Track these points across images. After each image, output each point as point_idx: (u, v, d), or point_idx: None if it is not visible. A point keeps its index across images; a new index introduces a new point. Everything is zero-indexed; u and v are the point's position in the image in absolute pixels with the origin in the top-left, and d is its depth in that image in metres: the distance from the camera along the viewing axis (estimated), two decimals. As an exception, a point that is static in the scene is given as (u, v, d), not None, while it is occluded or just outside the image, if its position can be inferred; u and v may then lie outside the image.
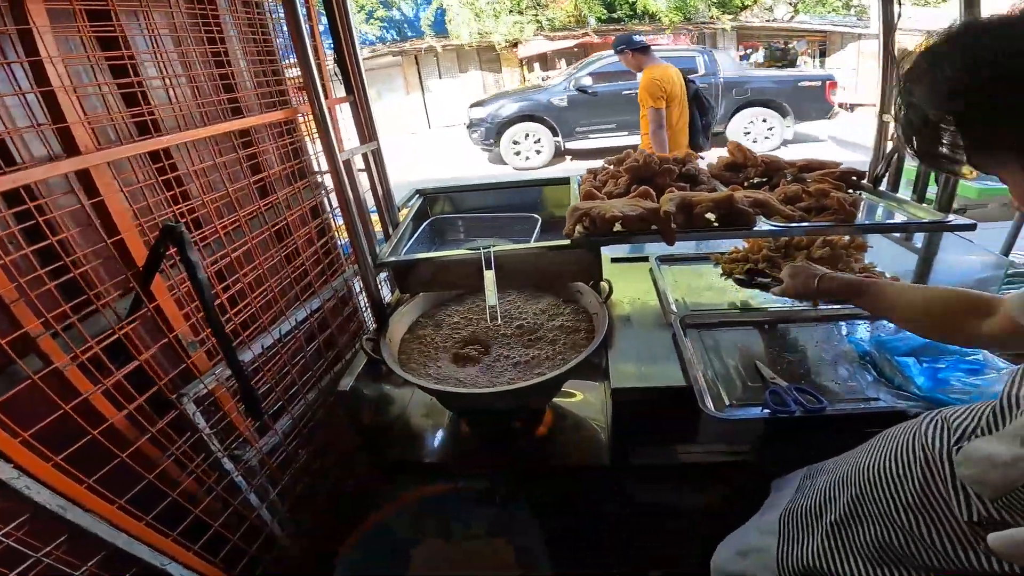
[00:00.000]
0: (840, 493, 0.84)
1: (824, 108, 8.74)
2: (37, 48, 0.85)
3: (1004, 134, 0.59)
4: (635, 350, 1.44)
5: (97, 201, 0.89)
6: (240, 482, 1.22)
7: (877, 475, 0.78)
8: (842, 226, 1.23)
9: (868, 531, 0.77)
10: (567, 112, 8.58)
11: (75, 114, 0.86)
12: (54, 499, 0.78)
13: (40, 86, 0.85)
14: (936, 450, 0.71)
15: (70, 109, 0.86)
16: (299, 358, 1.38)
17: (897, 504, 0.74)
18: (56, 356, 0.84)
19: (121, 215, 0.91)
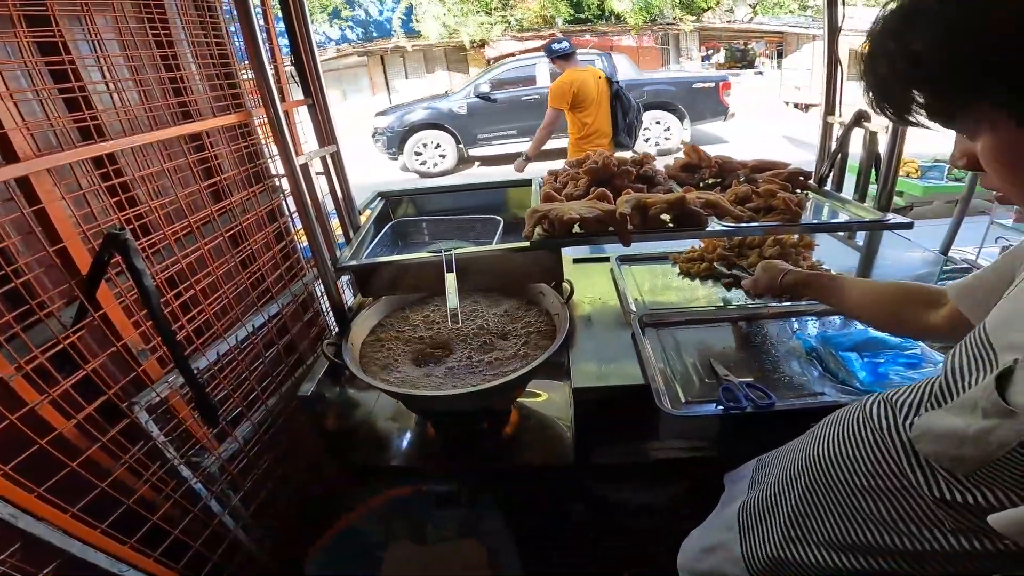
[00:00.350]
0: (793, 483, 0.84)
1: (719, 109, 9.04)
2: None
3: (986, 84, 0.53)
4: (596, 350, 1.47)
5: (38, 208, 0.86)
6: (200, 489, 1.20)
7: (828, 461, 0.78)
8: (787, 226, 1.29)
9: (827, 520, 0.76)
10: (468, 119, 8.76)
11: (12, 120, 0.83)
12: (5, 508, 0.77)
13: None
14: (884, 428, 0.71)
15: (6, 115, 0.83)
16: (258, 364, 1.37)
17: (852, 488, 0.73)
18: (1, 367, 0.82)
19: (63, 222, 0.89)
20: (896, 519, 0.68)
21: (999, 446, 0.56)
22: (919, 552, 0.66)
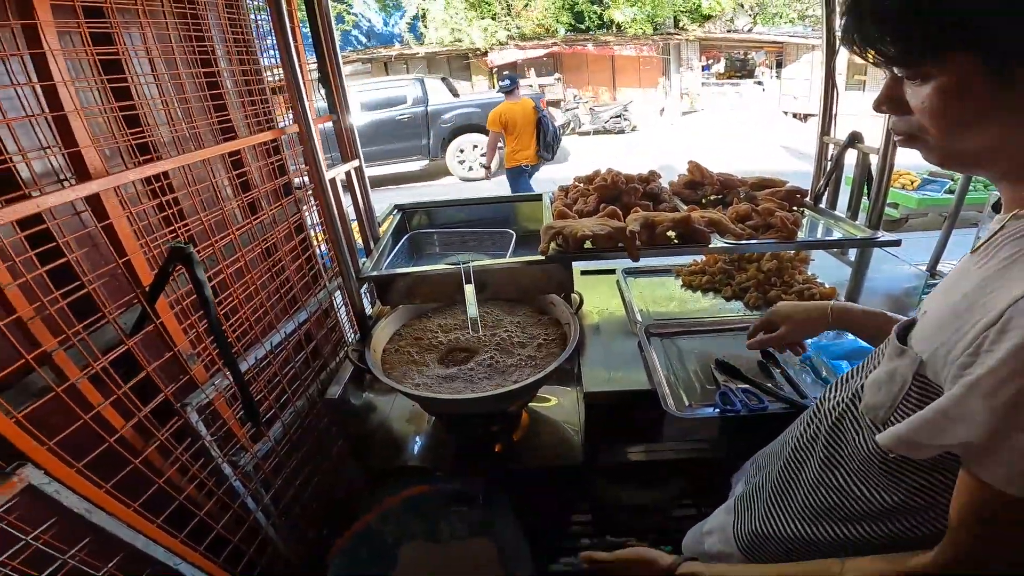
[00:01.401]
0: (772, 468, 0.91)
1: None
2: (50, 72, 0.91)
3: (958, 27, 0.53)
4: (604, 357, 1.56)
5: (106, 224, 0.95)
6: (238, 486, 1.28)
7: (795, 441, 0.85)
8: (783, 243, 1.38)
9: (798, 495, 0.82)
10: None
11: (86, 138, 0.92)
12: (81, 503, 0.85)
13: (52, 110, 0.92)
14: (835, 401, 0.79)
15: (81, 132, 0.92)
16: (289, 368, 1.45)
17: (813, 463, 0.79)
18: (69, 370, 0.91)
19: (127, 237, 0.98)
20: (851, 486, 0.73)
21: (901, 382, 0.64)
22: (873, 512, 0.70)
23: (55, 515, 0.84)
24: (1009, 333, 0.50)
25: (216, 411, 1.21)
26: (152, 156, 1.09)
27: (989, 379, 0.51)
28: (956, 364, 0.56)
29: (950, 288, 0.66)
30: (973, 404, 0.52)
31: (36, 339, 0.84)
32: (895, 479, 0.67)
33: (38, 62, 0.88)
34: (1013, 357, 0.49)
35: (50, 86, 0.87)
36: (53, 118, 0.92)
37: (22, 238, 0.84)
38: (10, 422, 0.77)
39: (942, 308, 0.63)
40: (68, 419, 0.91)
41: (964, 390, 0.53)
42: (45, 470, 0.81)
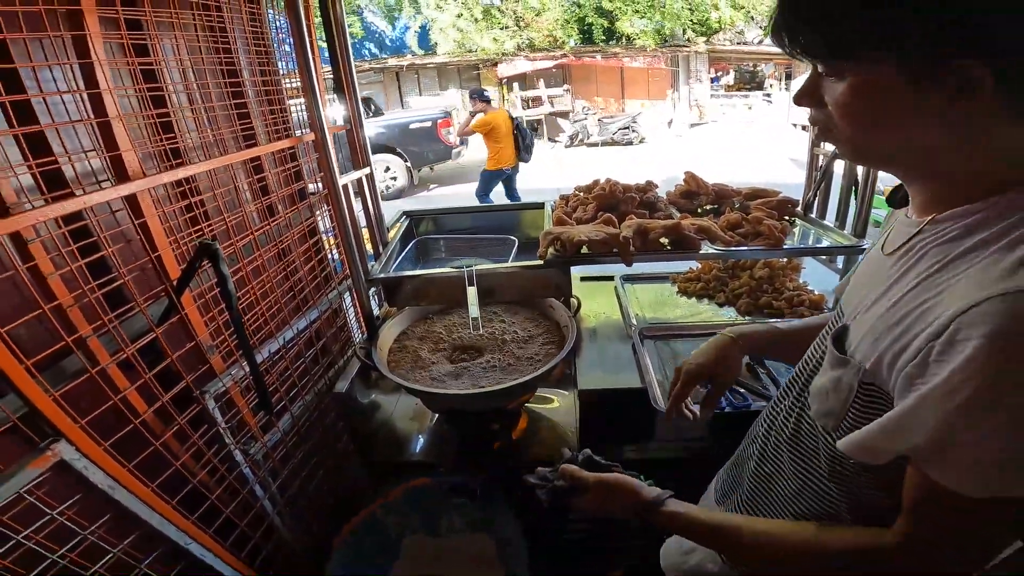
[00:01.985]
0: (740, 484, 0.93)
1: (442, 150, 8.67)
2: (96, 79, 1.00)
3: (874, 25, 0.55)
4: (599, 358, 1.63)
5: (141, 222, 1.04)
6: (248, 473, 1.36)
7: (759, 455, 0.88)
8: (771, 251, 1.45)
9: (779, 508, 0.82)
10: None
11: (127, 142, 1.01)
12: (106, 480, 0.92)
13: (97, 116, 1.01)
14: (786, 411, 0.81)
15: (123, 137, 1.01)
16: (299, 363, 1.53)
17: (784, 475, 0.81)
18: (101, 355, 0.99)
19: (159, 234, 1.07)
20: (828, 490, 0.73)
21: (848, 390, 0.66)
22: (858, 515, 0.71)
23: (76, 493, 0.91)
24: (957, 345, 0.52)
25: (230, 401, 1.29)
26: (182, 160, 1.17)
27: (941, 388, 0.53)
28: (903, 374, 0.57)
29: (872, 292, 0.68)
30: (924, 413, 0.54)
31: (73, 325, 0.92)
32: (866, 479, 0.69)
33: (86, 71, 0.97)
34: (963, 368, 0.51)
35: (95, 93, 0.96)
36: (97, 123, 1.02)
37: (65, 232, 0.92)
38: (48, 399, 0.85)
39: (873, 317, 0.65)
40: (96, 401, 0.99)
41: (917, 400, 0.55)
42: (76, 446, 0.89)
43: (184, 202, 1.15)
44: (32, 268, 0.87)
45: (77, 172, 0.98)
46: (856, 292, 0.74)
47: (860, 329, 0.67)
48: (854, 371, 0.65)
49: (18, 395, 0.82)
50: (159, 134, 1.17)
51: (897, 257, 0.66)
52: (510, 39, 13.88)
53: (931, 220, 0.62)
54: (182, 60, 1.25)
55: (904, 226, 0.67)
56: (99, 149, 0.97)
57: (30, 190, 0.93)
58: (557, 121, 14.54)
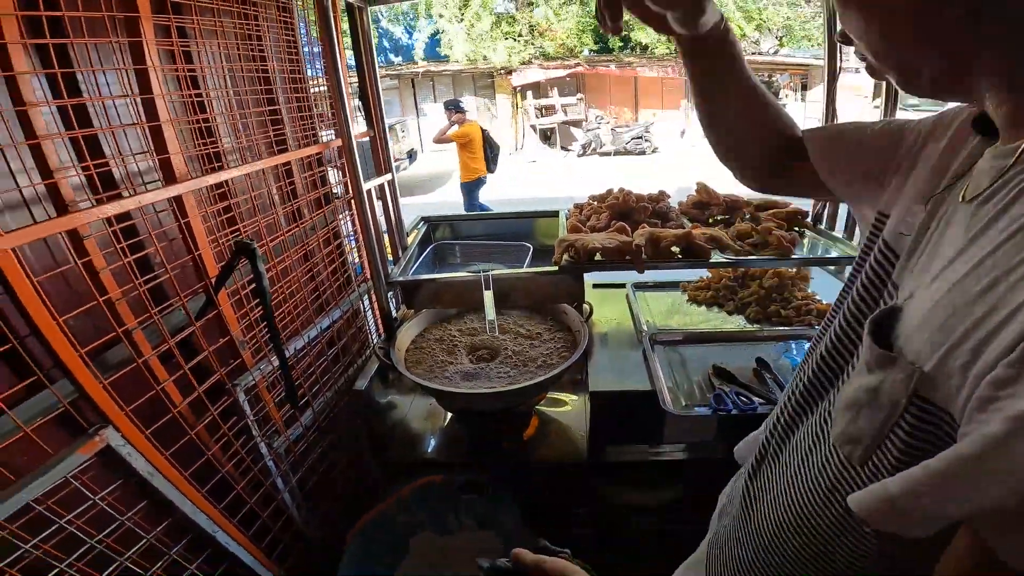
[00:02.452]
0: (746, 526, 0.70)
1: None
2: (149, 84, 1.07)
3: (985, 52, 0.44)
4: (610, 363, 1.67)
5: (185, 221, 1.11)
6: (271, 466, 1.42)
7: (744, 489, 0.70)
8: (778, 260, 1.50)
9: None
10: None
11: (176, 145, 1.08)
12: (146, 466, 0.99)
13: (148, 120, 1.08)
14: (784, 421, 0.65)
15: (172, 140, 1.08)
16: (321, 360, 1.60)
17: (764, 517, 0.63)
18: (144, 347, 1.06)
19: (200, 233, 1.14)
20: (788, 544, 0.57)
21: (891, 406, 0.45)
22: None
23: (110, 481, 0.97)
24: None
25: (257, 395, 1.35)
26: (221, 164, 1.25)
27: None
28: (985, 383, 0.36)
29: (938, 257, 0.48)
30: (1021, 450, 0.33)
31: (121, 318, 0.99)
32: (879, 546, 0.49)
33: (140, 76, 1.05)
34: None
35: (148, 98, 1.03)
36: (148, 127, 1.09)
37: (117, 230, 0.99)
38: (98, 386, 0.92)
39: (939, 293, 0.44)
40: (136, 391, 1.05)
41: (1012, 424, 0.33)
42: (122, 433, 0.95)
43: (223, 203, 1.22)
44: (86, 263, 0.93)
45: (127, 173, 1.05)
46: (918, 260, 0.51)
47: (917, 312, 0.46)
48: (904, 376, 0.44)
49: (71, 381, 0.88)
50: (199, 138, 1.24)
51: (979, 203, 0.46)
52: (523, 49, 14.00)
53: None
54: (223, 67, 1.32)
55: (992, 161, 0.47)
56: (150, 151, 1.05)
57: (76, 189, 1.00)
58: (570, 130, 14.63)
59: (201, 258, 1.13)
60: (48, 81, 0.92)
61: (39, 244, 0.93)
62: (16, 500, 0.83)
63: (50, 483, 0.87)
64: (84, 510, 0.95)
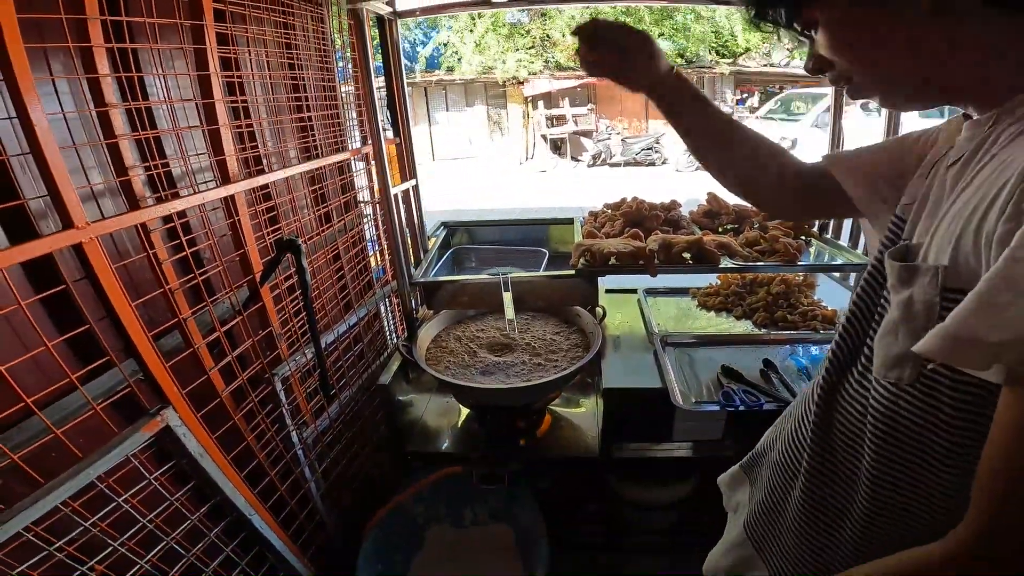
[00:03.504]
0: (792, 476, 0.76)
1: None
2: (212, 90, 1.16)
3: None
4: (623, 362, 1.74)
5: (234, 220, 1.21)
6: (300, 455, 1.50)
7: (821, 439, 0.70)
8: (785, 266, 1.57)
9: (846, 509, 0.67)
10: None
11: (232, 147, 1.18)
12: (198, 447, 1.06)
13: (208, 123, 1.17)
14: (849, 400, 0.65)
15: (228, 143, 1.18)
16: (349, 355, 1.68)
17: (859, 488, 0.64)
18: (195, 336, 1.14)
19: (248, 230, 1.23)
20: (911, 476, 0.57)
21: (926, 310, 0.51)
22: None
23: (162, 463, 1.04)
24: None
25: (291, 386, 1.44)
26: (262, 167, 1.34)
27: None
28: (995, 239, 0.44)
29: (942, 208, 0.55)
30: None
31: (178, 307, 1.08)
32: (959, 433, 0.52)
33: (201, 82, 1.14)
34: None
35: (210, 103, 1.13)
36: (208, 130, 1.18)
37: (177, 225, 1.08)
38: (162, 368, 1.00)
39: (946, 224, 0.52)
40: (187, 377, 1.14)
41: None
42: (180, 415, 1.04)
43: (267, 204, 1.32)
44: (152, 255, 1.03)
45: (185, 172, 1.14)
46: (921, 215, 0.59)
47: (927, 241, 0.54)
48: (930, 276, 0.50)
49: (139, 363, 0.97)
50: (244, 142, 1.34)
51: (963, 163, 0.55)
52: (532, 61, 14.13)
53: (1002, 110, 0.53)
54: (266, 75, 1.42)
55: (968, 132, 0.58)
56: (209, 152, 1.14)
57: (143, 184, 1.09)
58: (580, 140, 14.73)
59: (248, 253, 1.22)
60: (118, 84, 1.01)
61: (108, 235, 1.02)
62: (84, 476, 0.89)
63: (113, 461, 0.94)
64: (139, 490, 1.02)
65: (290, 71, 1.53)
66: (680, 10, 13.85)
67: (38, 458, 0.85)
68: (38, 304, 0.91)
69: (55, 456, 0.90)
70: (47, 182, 0.75)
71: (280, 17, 1.40)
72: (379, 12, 1.67)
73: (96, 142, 0.93)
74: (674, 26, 13.96)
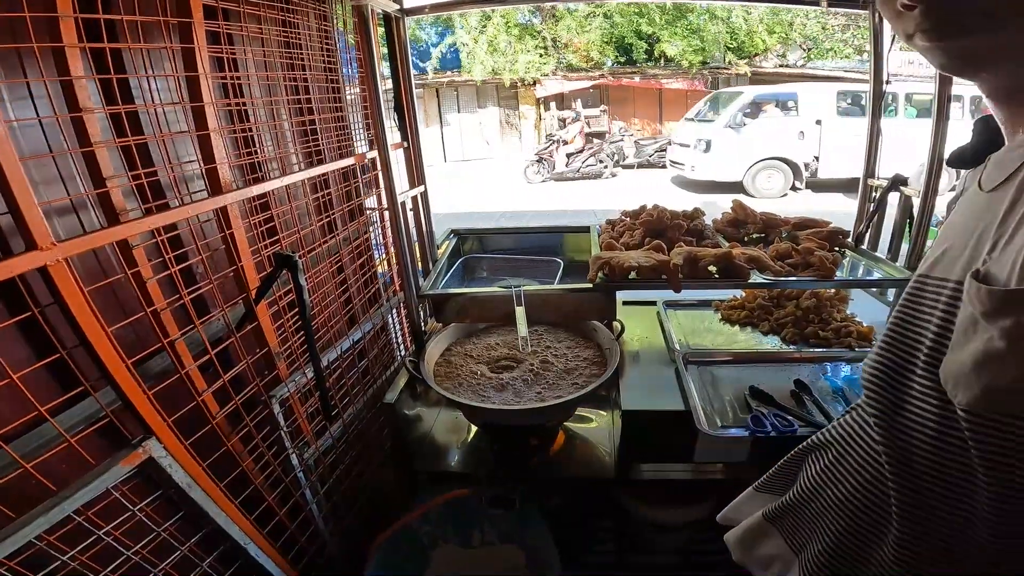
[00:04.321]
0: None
1: None
2: (200, 92, 1.08)
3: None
4: (642, 380, 1.64)
5: (229, 232, 1.12)
6: (301, 478, 1.41)
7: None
8: (821, 281, 1.46)
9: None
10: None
11: (223, 154, 1.09)
12: (185, 478, 0.99)
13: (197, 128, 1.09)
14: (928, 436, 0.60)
15: (220, 149, 1.09)
16: (352, 373, 1.60)
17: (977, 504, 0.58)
18: (186, 358, 1.06)
19: (243, 244, 1.14)
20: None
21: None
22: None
23: (151, 491, 0.97)
24: None
25: (291, 407, 1.36)
26: (261, 175, 1.26)
27: None
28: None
29: (1001, 228, 0.53)
30: None
31: (165, 328, 1.00)
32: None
33: (190, 84, 1.06)
34: None
35: (199, 106, 1.04)
36: (198, 135, 1.09)
37: (164, 240, 1.00)
38: (143, 397, 0.92)
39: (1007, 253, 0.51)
40: (176, 401, 1.06)
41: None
42: (164, 445, 0.95)
43: (264, 215, 1.23)
44: (134, 273, 0.94)
45: (174, 181, 1.06)
46: (959, 241, 0.58)
47: (1007, 259, 0.50)
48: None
49: (117, 392, 0.89)
50: (241, 148, 1.25)
51: (1015, 185, 0.53)
52: (544, 63, 14.04)
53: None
54: (265, 75, 1.34)
55: (1008, 153, 0.58)
56: (198, 160, 1.05)
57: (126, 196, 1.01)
58: (593, 142, 14.62)
59: (243, 269, 1.14)
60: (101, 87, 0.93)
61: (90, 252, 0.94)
62: (58, 511, 0.83)
63: (91, 494, 0.87)
64: (121, 521, 0.95)
65: (291, 72, 1.45)
66: (694, 11, 13.69)
67: (16, 487, 0.79)
68: (14, 326, 0.84)
69: (35, 484, 0.83)
70: (6, 197, 0.66)
71: (280, 15, 1.32)
72: (385, 9, 1.58)
73: (67, 151, 0.84)
74: (688, 27, 13.80)
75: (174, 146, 1.10)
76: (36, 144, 0.90)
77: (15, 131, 0.85)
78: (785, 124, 9.32)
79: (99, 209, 0.93)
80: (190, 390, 1.04)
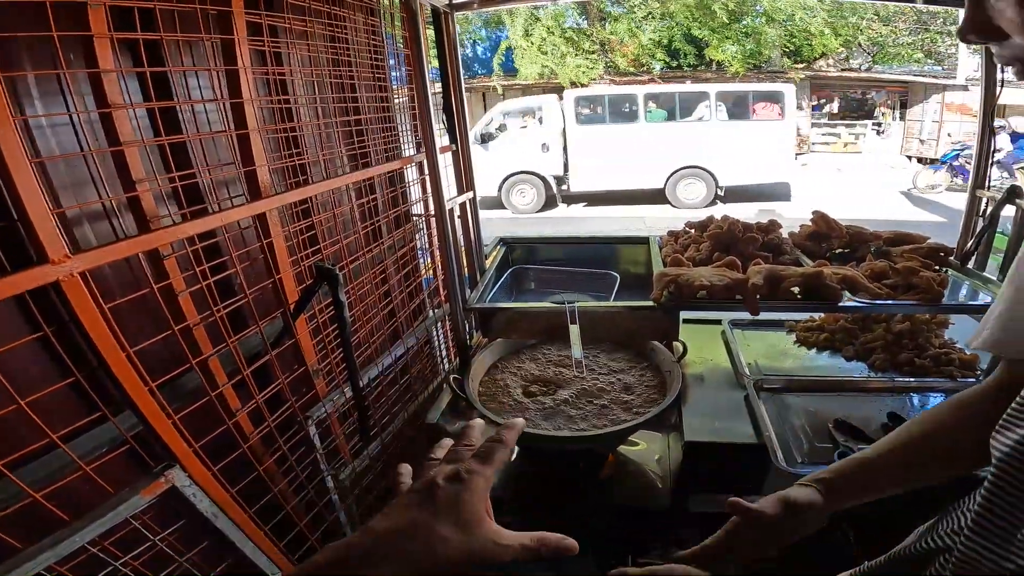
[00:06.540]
0: None
1: None
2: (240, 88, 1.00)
3: None
4: (707, 407, 1.49)
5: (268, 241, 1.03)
6: (335, 500, 1.32)
7: None
8: (925, 306, 1.27)
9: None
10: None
11: (263, 156, 1.01)
12: (211, 507, 0.90)
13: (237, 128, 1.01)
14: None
15: (259, 150, 1.01)
16: (394, 390, 1.50)
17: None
18: (219, 376, 0.98)
19: (283, 253, 1.06)
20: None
21: None
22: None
23: (174, 518, 0.89)
24: None
25: (328, 427, 1.27)
26: (305, 177, 1.17)
27: None
28: None
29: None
30: None
31: (197, 344, 0.92)
32: None
33: (229, 79, 0.97)
34: None
35: (238, 102, 0.96)
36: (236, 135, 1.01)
37: (199, 249, 0.92)
38: (167, 422, 0.84)
39: None
40: (206, 422, 0.98)
41: None
42: (188, 473, 0.87)
43: (305, 222, 1.14)
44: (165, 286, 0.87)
45: (212, 185, 0.98)
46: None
47: None
48: None
49: (137, 415, 0.81)
50: (284, 149, 1.17)
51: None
52: (592, 66, 13.84)
53: None
54: (312, 72, 1.25)
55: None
56: (236, 162, 0.97)
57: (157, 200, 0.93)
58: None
59: (281, 281, 1.05)
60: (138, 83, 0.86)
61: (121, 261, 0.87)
62: (69, 544, 0.76)
63: (107, 525, 0.80)
64: (140, 552, 0.88)
65: (335, 68, 1.36)
66: (751, 13, 13.26)
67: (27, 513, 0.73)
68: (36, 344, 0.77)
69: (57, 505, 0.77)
70: (14, 204, 0.58)
71: (325, 6, 1.23)
72: (434, 3, 1.48)
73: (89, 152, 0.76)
74: (743, 30, 13.36)
75: (214, 147, 1.02)
76: (67, 145, 0.83)
77: (44, 131, 0.79)
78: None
79: (127, 215, 0.85)
80: (218, 412, 0.96)
